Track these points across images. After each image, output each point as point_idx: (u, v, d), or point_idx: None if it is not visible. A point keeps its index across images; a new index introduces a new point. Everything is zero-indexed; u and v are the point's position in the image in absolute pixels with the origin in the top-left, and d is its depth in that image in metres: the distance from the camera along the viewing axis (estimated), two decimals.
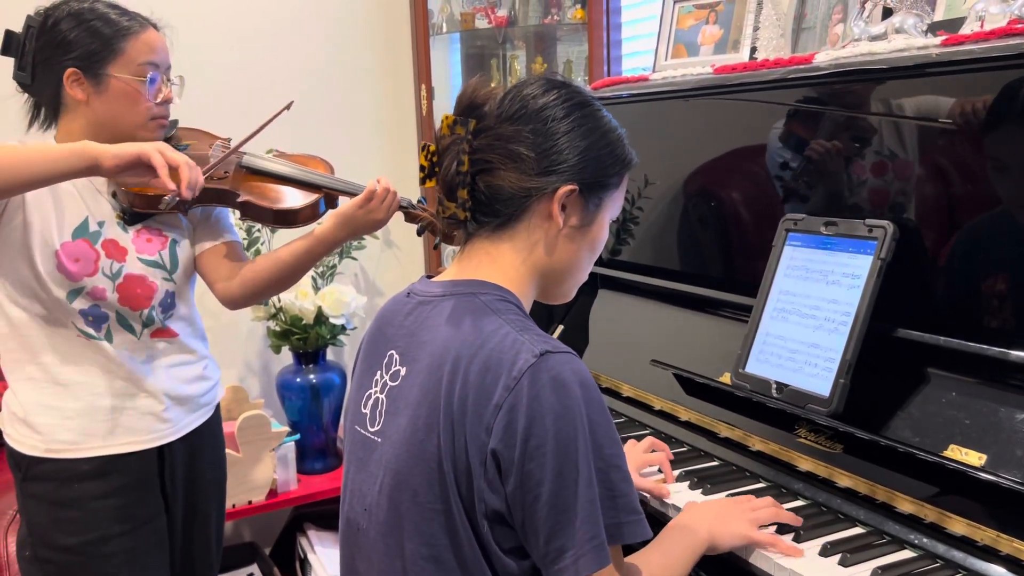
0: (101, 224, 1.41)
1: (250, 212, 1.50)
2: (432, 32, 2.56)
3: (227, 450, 2.11)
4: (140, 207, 1.43)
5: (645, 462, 1.31)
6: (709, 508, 1.13)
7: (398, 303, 1.06)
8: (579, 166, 0.97)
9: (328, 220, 1.48)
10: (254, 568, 2.41)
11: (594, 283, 1.82)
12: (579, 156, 0.97)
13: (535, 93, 0.99)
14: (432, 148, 1.00)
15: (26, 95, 1.42)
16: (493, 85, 1.02)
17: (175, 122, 1.50)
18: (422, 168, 1.01)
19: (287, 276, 1.51)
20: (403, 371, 0.99)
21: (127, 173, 1.25)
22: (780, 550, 1.07)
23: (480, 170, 0.97)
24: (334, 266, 2.46)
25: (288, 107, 1.50)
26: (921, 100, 1.20)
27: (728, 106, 1.52)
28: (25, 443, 1.39)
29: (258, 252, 2.33)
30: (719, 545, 1.07)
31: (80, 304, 1.38)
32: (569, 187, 0.97)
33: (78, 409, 1.39)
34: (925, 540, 1.06)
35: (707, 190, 1.60)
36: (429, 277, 1.07)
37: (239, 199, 1.48)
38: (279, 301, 2.36)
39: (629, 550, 1.01)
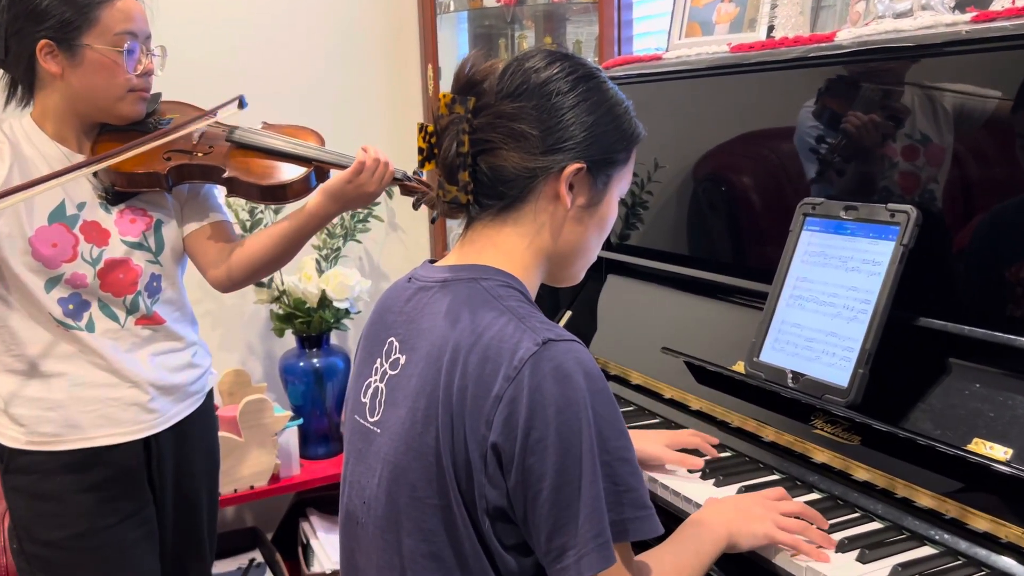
0: (81, 206, 1.36)
1: (237, 188, 1.44)
2: (439, 11, 2.51)
3: (229, 434, 2.10)
4: (122, 186, 1.38)
5: (678, 441, 1.28)
6: (730, 504, 1.07)
7: (399, 288, 1.03)
8: (586, 142, 0.93)
9: (317, 195, 1.42)
10: (256, 553, 2.39)
11: (603, 268, 1.78)
12: (586, 132, 0.93)
13: (537, 66, 0.94)
14: (430, 129, 0.96)
15: (1, 71, 1.36)
16: (493, 60, 0.97)
17: (157, 95, 1.45)
18: (420, 151, 0.97)
19: (279, 256, 1.46)
20: (403, 359, 0.95)
21: None
22: (804, 551, 1.01)
23: (481, 150, 0.93)
24: (338, 249, 2.43)
25: (240, 104, 1.42)
26: (949, 80, 1.15)
27: (745, 87, 1.48)
28: (6, 434, 1.36)
29: None
30: (739, 545, 1.02)
31: (59, 293, 1.33)
32: (577, 165, 0.93)
33: (60, 400, 1.35)
34: (946, 536, 1.03)
35: (722, 173, 1.55)
36: (432, 262, 1.03)
37: (224, 175, 1.42)
38: (282, 284, 2.33)
39: (644, 546, 0.98)
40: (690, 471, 1.26)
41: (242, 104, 1.43)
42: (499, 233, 0.96)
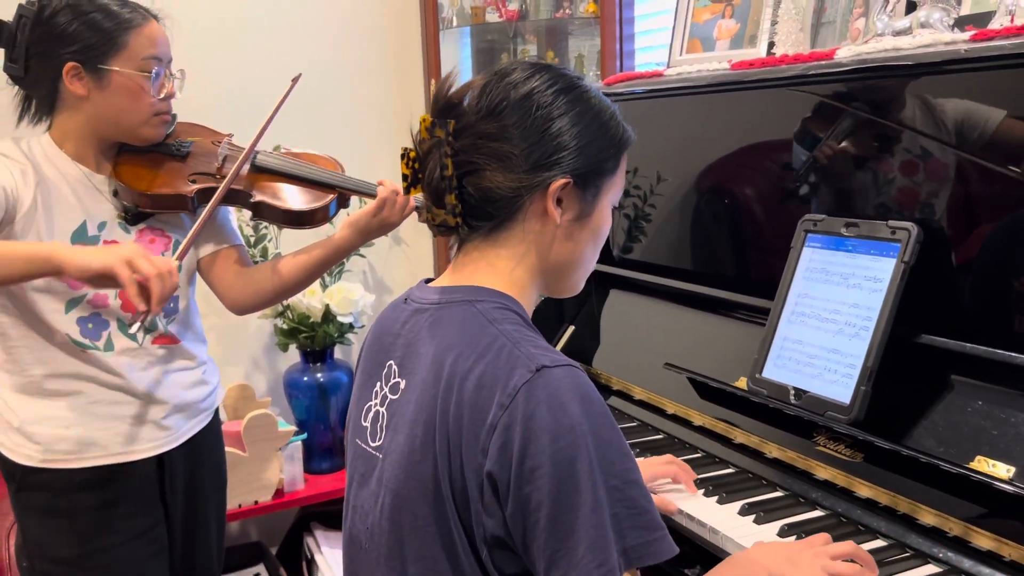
0: (101, 226, 1.37)
1: (263, 212, 1.47)
2: (442, 26, 2.52)
3: (234, 449, 2.11)
4: (145, 207, 1.39)
5: (659, 474, 1.25)
6: (778, 550, 1.00)
7: (395, 310, 1.02)
8: (571, 156, 0.91)
9: (343, 229, 1.46)
10: (260, 568, 2.39)
11: (606, 283, 1.78)
12: (571, 145, 0.91)
13: (517, 80, 0.92)
14: (412, 155, 0.94)
15: (16, 88, 1.36)
16: (471, 79, 0.96)
17: (174, 116, 1.46)
18: (404, 177, 0.95)
19: (300, 283, 1.49)
20: (402, 384, 0.95)
21: (93, 283, 1.18)
22: None
23: (466, 172, 0.91)
24: (342, 264, 2.43)
25: (295, 81, 1.46)
26: (948, 98, 1.16)
27: (745, 103, 1.48)
28: (20, 453, 1.36)
29: (265, 249, 2.31)
30: None
31: (79, 313, 1.34)
32: (562, 181, 0.91)
33: (75, 418, 1.35)
34: (950, 554, 1.03)
35: (723, 189, 1.56)
36: (427, 281, 1.02)
37: (252, 199, 1.45)
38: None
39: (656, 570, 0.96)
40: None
41: (295, 82, 1.48)
42: (491, 253, 0.95)
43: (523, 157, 0.90)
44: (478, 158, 0.91)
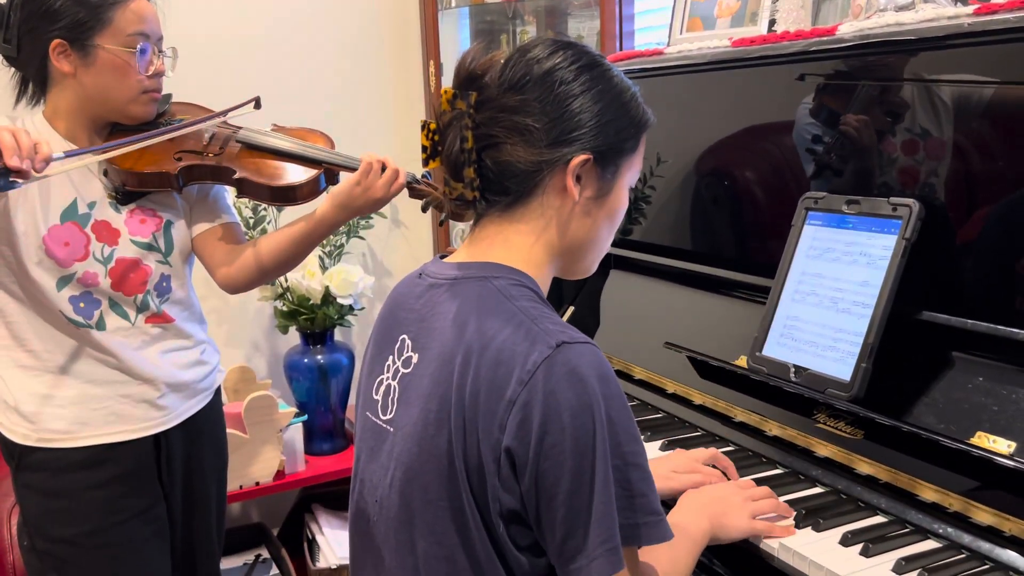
0: (92, 205, 1.37)
1: (247, 189, 1.45)
2: (440, 7, 2.51)
3: (235, 431, 2.11)
4: (133, 186, 1.39)
5: (692, 467, 1.20)
6: (710, 498, 1.09)
7: (410, 284, 1.02)
8: (592, 133, 0.91)
9: (326, 201, 1.43)
10: (262, 550, 2.40)
11: (606, 263, 1.78)
12: (592, 122, 0.91)
13: (539, 57, 0.92)
14: (432, 126, 0.94)
15: (12, 69, 1.37)
16: (493, 53, 0.96)
17: (168, 96, 1.45)
18: (424, 148, 0.95)
19: (288, 260, 1.47)
20: (415, 358, 0.94)
21: None
22: (777, 535, 1.06)
23: (486, 146, 0.92)
24: (341, 246, 2.43)
25: (256, 104, 1.43)
26: (951, 73, 1.15)
27: (746, 81, 1.47)
28: (17, 432, 1.36)
29: (264, 231, 2.30)
30: (720, 538, 1.05)
31: (70, 291, 1.34)
32: (583, 157, 0.91)
33: (70, 397, 1.36)
34: (950, 530, 1.03)
35: (724, 168, 1.55)
36: (442, 257, 1.02)
37: (235, 176, 1.43)
38: (286, 281, 2.33)
39: None
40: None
41: (258, 105, 1.42)
42: (508, 229, 0.95)
43: (544, 132, 0.90)
44: (499, 131, 0.91)
